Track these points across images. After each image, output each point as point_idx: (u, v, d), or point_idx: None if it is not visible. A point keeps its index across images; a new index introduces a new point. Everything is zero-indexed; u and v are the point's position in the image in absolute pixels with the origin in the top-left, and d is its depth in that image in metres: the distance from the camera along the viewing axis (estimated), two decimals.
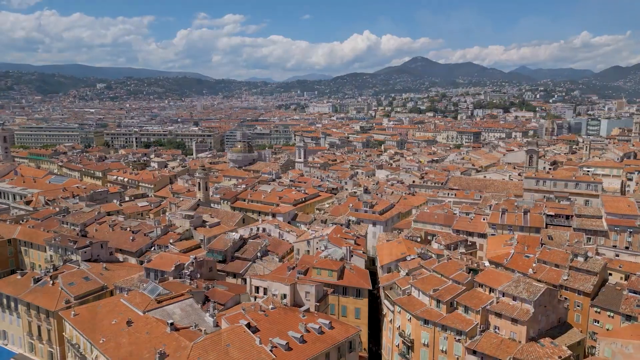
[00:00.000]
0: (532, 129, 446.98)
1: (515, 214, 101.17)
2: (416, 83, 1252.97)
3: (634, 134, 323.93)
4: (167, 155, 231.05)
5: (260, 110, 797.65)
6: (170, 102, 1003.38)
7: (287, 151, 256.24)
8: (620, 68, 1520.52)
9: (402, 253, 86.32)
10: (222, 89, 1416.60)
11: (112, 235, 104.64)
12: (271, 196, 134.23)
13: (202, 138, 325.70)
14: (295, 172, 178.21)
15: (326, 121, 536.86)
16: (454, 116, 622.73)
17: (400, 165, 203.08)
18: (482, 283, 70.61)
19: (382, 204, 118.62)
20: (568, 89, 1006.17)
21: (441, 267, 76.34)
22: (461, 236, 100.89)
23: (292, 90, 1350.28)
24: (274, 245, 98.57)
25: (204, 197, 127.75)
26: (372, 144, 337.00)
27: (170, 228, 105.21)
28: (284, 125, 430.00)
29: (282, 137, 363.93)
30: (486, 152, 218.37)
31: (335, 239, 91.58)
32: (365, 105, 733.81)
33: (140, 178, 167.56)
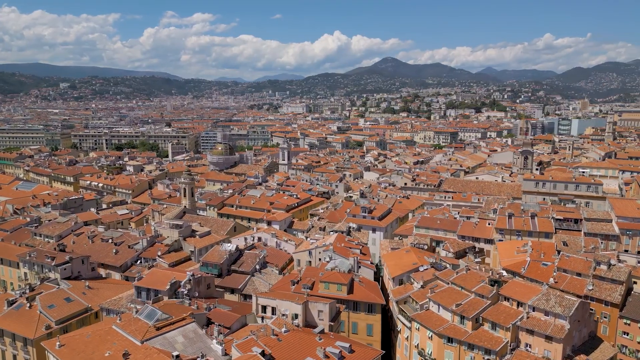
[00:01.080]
0: (506, 128, 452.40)
1: (522, 219, 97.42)
2: (387, 83, 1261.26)
3: (607, 133, 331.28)
4: (142, 158, 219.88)
5: (232, 110, 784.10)
6: (139, 102, 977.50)
7: (267, 153, 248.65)
8: (581, 69, 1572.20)
9: (414, 263, 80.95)
10: (191, 89, 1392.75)
11: (92, 248, 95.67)
12: (261, 202, 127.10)
13: (177, 139, 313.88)
14: (281, 175, 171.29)
15: (301, 121, 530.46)
16: (427, 116, 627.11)
17: (387, 166, 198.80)
18: (508, 296, 65.85)
19: (380, 209, 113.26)
20: (533, 89, 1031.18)
21: (460, 279, 71.29)
22: (468, 242, 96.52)
23: (264, 90, 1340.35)
24: (272, 256, 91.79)
25: (190, 203, 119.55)
26: (352, 144, 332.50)
27: (157, 239, 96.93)
28: (261, 126, 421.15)
29: (260, 138, 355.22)
30: (470, 152, 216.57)
31: (340, 248, 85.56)
32: (339, 106, 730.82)
33: (117, 183, 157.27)
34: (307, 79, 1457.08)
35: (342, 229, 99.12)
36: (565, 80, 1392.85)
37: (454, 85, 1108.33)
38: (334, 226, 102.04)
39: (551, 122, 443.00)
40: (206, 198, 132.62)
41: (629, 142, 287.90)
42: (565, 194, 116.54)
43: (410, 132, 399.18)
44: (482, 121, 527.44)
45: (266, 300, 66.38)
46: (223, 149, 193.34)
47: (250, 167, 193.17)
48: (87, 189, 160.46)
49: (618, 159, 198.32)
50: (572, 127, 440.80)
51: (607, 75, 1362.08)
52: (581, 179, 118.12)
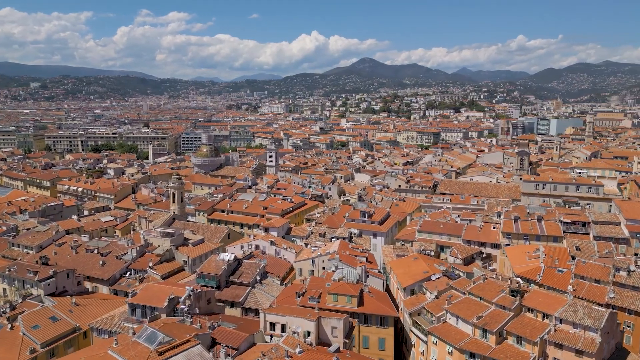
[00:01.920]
0: (486, 128, 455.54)
1: (529, 222, 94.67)
2: (365, 84, 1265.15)
3: (587, 133, 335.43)
4: (122, 161, 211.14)
5: (210, 110, 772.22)
6: (113, 102, 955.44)
7: (253, 154, 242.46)
8: (553, 70, 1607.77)
9: (425, 272, 77.01)
10: (167, 89, 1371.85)
11: (76, 260, 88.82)
12: (253, 206, 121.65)
13: (158, 141, 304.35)
14: (270, 177, 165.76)
15: (282, 122, 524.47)
16: (408, 116, 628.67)
17: (376, 167, 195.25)
18: (531, 307, 62.36)
19: (379, 213, 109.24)
20: (508, 90, 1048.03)
21: (478, 289, 67.56)
22: (474, 247, 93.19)
23: (242, 90, 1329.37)
24: (272, 265, 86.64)
25: (180, 209, 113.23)
26: (336, 145, 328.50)
27: (147, 249, 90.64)
28: (242, 127, 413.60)
29: (243, 138, 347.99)
30: (459, 153, 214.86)
31: (346, 256, 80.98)
32: (319, 106, 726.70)
33: (97, 187, 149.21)
34: (286, 79, 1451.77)
35: (343, 235, 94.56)
36: (538, 80, 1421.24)
37: (431, 86, 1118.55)
38: (335, 232, 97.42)
39: (531, 122, 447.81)
40: (195, 203, 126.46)
41: (609, 142, 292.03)
42: (565, 196, 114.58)
43: (393, 132, 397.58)
44: (462, 121, 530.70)
45: (275, 317, 61.44)
46: (208, 151, 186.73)
47: (236, 169, 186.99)
48: (66, 194, 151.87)
49: (603, 158, 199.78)
50: (551, 127, 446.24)
51: (578, 76, 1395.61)
52: (582, 180, 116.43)
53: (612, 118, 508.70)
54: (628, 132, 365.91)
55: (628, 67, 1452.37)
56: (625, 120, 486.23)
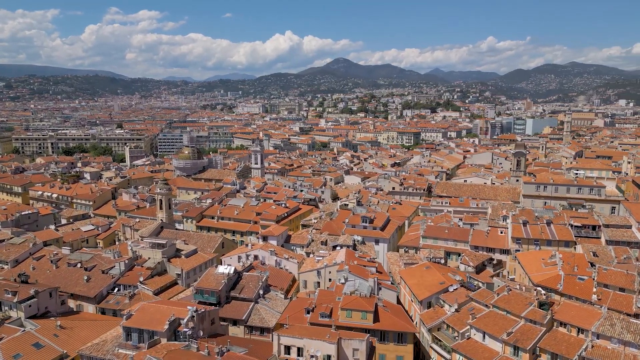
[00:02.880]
0: (464, 128, 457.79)
1: (538, 226, 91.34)
2: (340, 84, 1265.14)
3: (565, 132, 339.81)
4: (97, 164, 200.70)
5: (184, 110, 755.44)
6: (82, 103, 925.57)
7: (235, 156, 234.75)
8: (522, 71, 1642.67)
9: (441, 282, 72.45)
10: (138, 88, 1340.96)
11: (57, 276, 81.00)
12: (245, 212, 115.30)
13: (133, 142, 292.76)
14: (257, 180, 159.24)
15: (260, 122, 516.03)
16: (385, 116, 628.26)
17: (364, 169, 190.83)
18: (564, 322, 58.41)
19: (380, 218, 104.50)
20: (480, 90, 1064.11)
21: (504, 301, 63.33)
22: (483, 253, 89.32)
23: (215, 90, 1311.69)
24: (273, 277, 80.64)
25: (168, 217, 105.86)
26: (318, 145, 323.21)
27: (137, 261, 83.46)
28: (221, 127, 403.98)
29: (222, 140, 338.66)
30: (446, 153, 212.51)
31: (356, 267, 75.73)
32: (296, 106, 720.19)
33: (74, 193, 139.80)
34: (260, 79, 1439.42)
35: (347, 242, 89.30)
36: (508, 81, 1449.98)
37: (405, 86, 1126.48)
38: (338, 240, 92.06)
39: (508, 121, 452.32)
40: (182, 209, 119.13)
41: (587, 141, 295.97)
42: (569, 198, 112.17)
43: (373, 132, 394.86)
44: (440, 121, 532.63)
45: (290, 340, 55.75)
46: (190, 153, 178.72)
47: (220, 172, 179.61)
48: (40, 201, 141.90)
49: (587, 157, 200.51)
50: (527, 127, 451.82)
51: (546, 77, 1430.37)
52: (583, 181, 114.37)
53: (585, 118, 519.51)
54: (603, 131, 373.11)
55: (593, 68, 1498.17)
56: (598, 120, 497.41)
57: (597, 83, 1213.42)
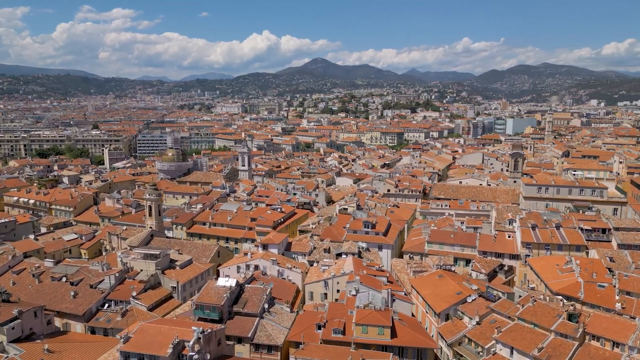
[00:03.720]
0: (446, 128, 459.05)
1: (548, 230, 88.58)
2: (318, 84, 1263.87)
3: (547, 132, 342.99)
4: (75, 167, 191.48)
5: (161, 110, 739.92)
6: (54, 103, 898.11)
7: (219, 157, 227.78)
8: (497, 71, 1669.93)
9: (458, 293, 68.58)
10: (112, 88, 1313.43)
11: (41, 291, 74.38)
12: (239, 218, 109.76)
13: (112, 143, 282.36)
14: (247, 183, 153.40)
15: (240, 122, 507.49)
16: (366, 116, 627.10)
17: (354, 170, 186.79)
18: (597, 335, 55.13)
19: (381, 222, 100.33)
20: (457, 90, 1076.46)
21: (529, 313, 59.77)
22: (494, 259, 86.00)
23: (192, 90, 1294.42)
24: (277, 289, 75.47)
25: (158, 224, 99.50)
26: (302, 146, 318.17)
27: (128, 274, 77.29)
28: (199, 127, 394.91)
29: (204, 140, 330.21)
30: (435, 154, 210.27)
31: (367, 278, 71.30)
32: (276, 106, 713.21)
33: (53, 199, 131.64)
34: (238, 79, 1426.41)
35: (352, 250, 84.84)
36: (483, 81, 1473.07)
37: (383, 86, 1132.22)
38: (341, 247, 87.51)
39: (490, 121, 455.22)
40: (171, 215, 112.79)
41: (569, 141, 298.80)
42: (570, 200, 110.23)
43: (357, 132, 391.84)
44: (420, 121, 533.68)
45: None
46: (175, 155, 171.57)
47: (206, 175, 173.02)
48: (15, 207, 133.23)
49: (573, 157, 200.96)
50: (507, 126, 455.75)
51: (520, 77, 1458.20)
52: (585, 182, 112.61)
53: (562, 117, 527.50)
54: (582, 130, 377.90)
55: (565, 69, 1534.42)
56: (575, 120, 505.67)
57: (569, 83, 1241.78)
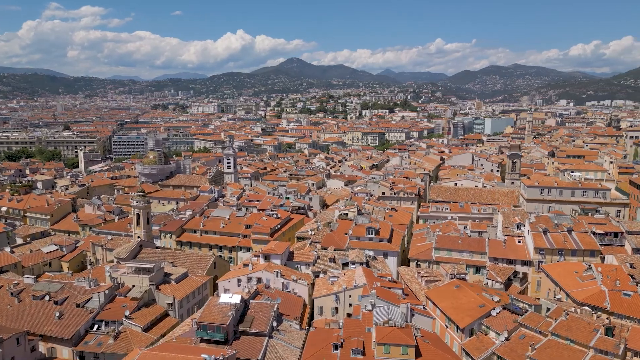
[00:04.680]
0: (426, 128, 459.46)
1: (560, 235, 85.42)
2: (294, 84, 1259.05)
3: (527, 132, 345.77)
4: (48, 171, 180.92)
5: (134, 110, 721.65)
6: (21, 103, 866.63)
7: (201, 159, 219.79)
8: (469, 72, 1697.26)
9: (481, 305, 64.32)
10: (82, 88, 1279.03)
11: (21, 312, 66.87)
12: (232, 225, 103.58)
13: (85, 145, 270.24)
14: (235, 187, 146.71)
15: (218, 122, 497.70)
16: (344, 116, 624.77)
17: (344, 172, 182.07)
18: (638, 351, 51.54)
19: (384, 228, 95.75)
20: (432, 90, 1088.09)
21: (564, 328, 55.85)
22: (507, 266, 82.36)
23: (165, 90, 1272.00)
24: (283, 304, 69.71)
25: (147, 233, 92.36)
26: (284, 147, 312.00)
27: (119, 291, 70.43)
28: (176, 128, 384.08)
29: (183, 142, 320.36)
30: (423, 154, 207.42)
31: (383, 291, 66.40)
32: (253, 106, 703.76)
33: (27, 206, 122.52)
34: (212, 78, 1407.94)
35: (359, 259, 79.86)
36: (456, 82, 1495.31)
37: (359, 86, 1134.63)
38: (346, 255, 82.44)
39: (470, 121, 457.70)
40: (158, 222, 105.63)
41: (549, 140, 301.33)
42: (573, 202, 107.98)
43: (338, 133, 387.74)
44: (399, 121, 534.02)
45: None
46: (156, 157, 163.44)
47: (190, 178, 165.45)
48: None
49: (559, 157, 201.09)
50: (486, 126, 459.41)
51: (491, 78, 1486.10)
52: (587, 184, 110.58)
53: (537, 117, 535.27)
54: (559, 130, 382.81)
55: (534, 70, 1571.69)
56: (550, 119, 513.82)
57: (539, 84, 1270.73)
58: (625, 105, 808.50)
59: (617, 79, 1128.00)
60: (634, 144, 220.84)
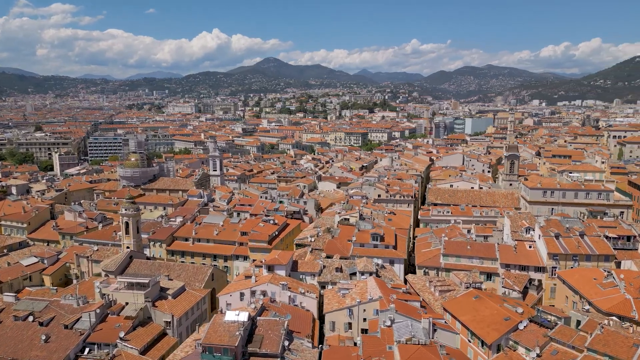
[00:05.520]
0: (407, 128, 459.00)
1: (572, 239, 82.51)
2: (272, 83, 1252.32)
3: (509, 132, 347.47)
4: (22, 174, 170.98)
5: (108, 110, 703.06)
6: None
7: (184, 161, 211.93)
8: (444, 72, 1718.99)
9: (506, 318, 60.43)
10: (52, 87, 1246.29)
11: (2, 336, 60.28)
12: (227, 232, 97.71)
13: (60, 147, 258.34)
14: (224, 190, 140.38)
15: (196, 122, 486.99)
16: (324, 116, 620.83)
17: (333, 174, 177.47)
18: None
19: (388, 233, 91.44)
20: (409, 90, 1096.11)
21: (601, 342, 52.28)
22: (521, 273, 79.02)
23: (139, 89, 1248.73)
24: (292, 320, 64.62)
25: (136, 243, 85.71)
26: (267, 148, 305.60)
27: (111, 309, 64.12)
28: (154, 128, 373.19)
29: (162, 143, 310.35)
30: (412, 155, 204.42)
31: (402, 305, 61.94)
32: (231, 105, 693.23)
33: (2, 213, 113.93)
34: (188, 78, 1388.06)
35: (368, 268, 75.23)
36: (432, 82, 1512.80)
37: (336, 86, 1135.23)
38: (354, 265, 77.73)
39: (451, 121, 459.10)
40: (147, 230, 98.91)
41: (532, 140, 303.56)
42: (577, 204, 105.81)
43: (320, 133, 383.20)
44: (380, 121, 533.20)
45: None
46: (139, 160, 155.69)
47: (175, 181, 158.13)
48: None
49: (545, 157, 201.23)
50: (466, 126, 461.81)
51: (466, 78, 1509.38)
52: (591, 186, 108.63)
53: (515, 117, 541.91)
54: (539, 130, 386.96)
55: (507, 70, 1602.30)
56: (528, 119, 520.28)
57: (512, 84, 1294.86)
58: (596, 105, 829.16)
59: (587, 79, 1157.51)
60: (618, 144, 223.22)
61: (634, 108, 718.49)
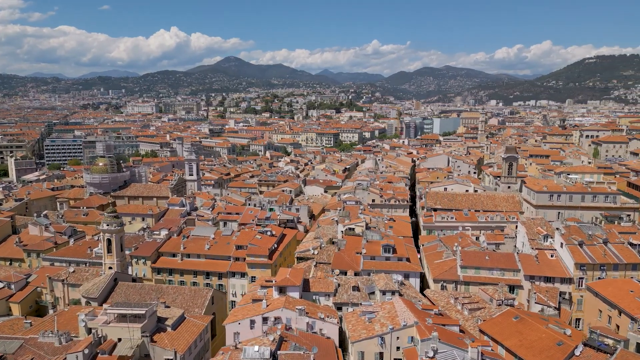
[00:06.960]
0: (377, 129, 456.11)
1: (597, 247, 77.92)
2: (233, 83, 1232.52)
3: (480, 132, 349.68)
4: None
5: (61, 110, 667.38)
6: None
7: (153, 164, 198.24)
8: (405, 73, 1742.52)
9: (559, 343, 54.16)
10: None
11: None
12: (219, 245, 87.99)
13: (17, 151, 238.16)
14: (205, 197, 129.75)
15: (158, 123, 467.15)
16: (291, 116, 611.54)
17: (316, 176, 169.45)
18: None
19: (398, 244, 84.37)
20: (371, 91, 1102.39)
21: None
22: (552, 287, 73.53)
23: (94, 88, 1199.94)
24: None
25: (120, 263, 74.73)
26: (238, 149, 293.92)
27: (101, 347, 53.77)
28: (114, 129, 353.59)
29: (126, 145, 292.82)
30: (394, 156, 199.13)
31: (445, 332, 54.68)
32: (194, 105, 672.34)
33: None
34: (145, 77, 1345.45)
35: (390, 286, 67.68)
36: (393, 83, 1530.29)
37: (299, 86, 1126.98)
38: (372, 282, 70.06)
39: (421, 122, 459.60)
40: (128, 245, 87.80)
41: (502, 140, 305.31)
42: (583, 207, 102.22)
43: (291, 133, 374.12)
44: (347, 121, 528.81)
45: None
46: (108, 165, 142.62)
47: (148, 188, 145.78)
48: None
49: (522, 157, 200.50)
50: (435, 126, 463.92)
51: (425, 79, 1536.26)
52: (597, 188, 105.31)
53: (475, 117, 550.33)
54: (507, 130, 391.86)
55: (464, 71, 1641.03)
56: (492, 119, 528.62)
57: (469, 85, 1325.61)
58: (550, 105, 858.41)
59: (540, 80, 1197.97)
60: (593, 143, 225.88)
61: (586, 107, 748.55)
